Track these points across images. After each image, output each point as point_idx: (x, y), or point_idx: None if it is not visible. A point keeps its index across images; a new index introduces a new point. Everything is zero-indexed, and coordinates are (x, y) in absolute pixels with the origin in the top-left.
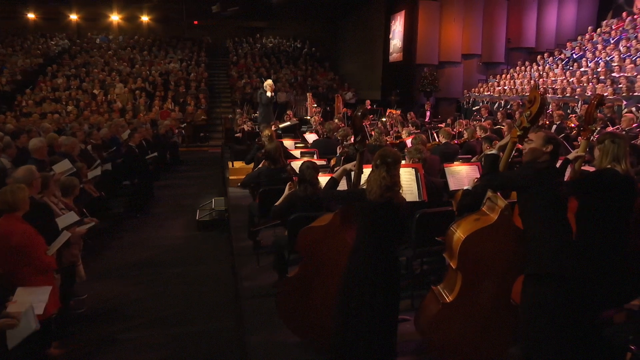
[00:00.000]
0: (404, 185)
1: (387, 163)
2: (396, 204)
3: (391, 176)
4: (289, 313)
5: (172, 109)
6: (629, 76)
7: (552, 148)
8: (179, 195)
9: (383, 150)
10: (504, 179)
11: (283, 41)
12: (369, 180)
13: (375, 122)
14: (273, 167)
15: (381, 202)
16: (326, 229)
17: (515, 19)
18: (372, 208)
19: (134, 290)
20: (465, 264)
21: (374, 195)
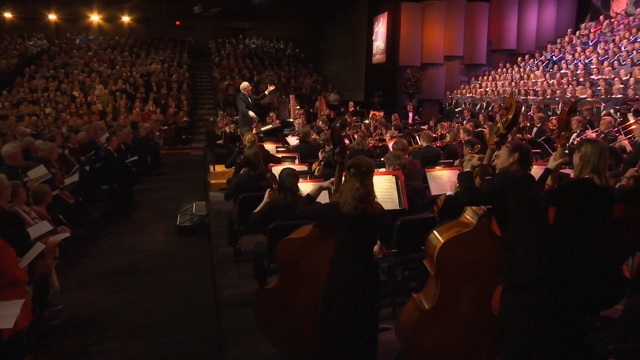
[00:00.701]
0: (384, 193)
1: (360, 173)
2: (371, 214)
3: (365, 186)
4: (267, 325)
5: (153, 111)
6: (607, 79)
7: (519, 155)
8: (160, 199)
9: (356, 160)
10: (486, 193)
11: (266, 42)
12: (342, 191)
13: (359, 124)
14: (253, 173)
15: (356, 213)
16: (305, 241)
17: (496, 21)
18: (347, 220)
19: (111, 299)
20: (443, 270)
21: (349, 207)
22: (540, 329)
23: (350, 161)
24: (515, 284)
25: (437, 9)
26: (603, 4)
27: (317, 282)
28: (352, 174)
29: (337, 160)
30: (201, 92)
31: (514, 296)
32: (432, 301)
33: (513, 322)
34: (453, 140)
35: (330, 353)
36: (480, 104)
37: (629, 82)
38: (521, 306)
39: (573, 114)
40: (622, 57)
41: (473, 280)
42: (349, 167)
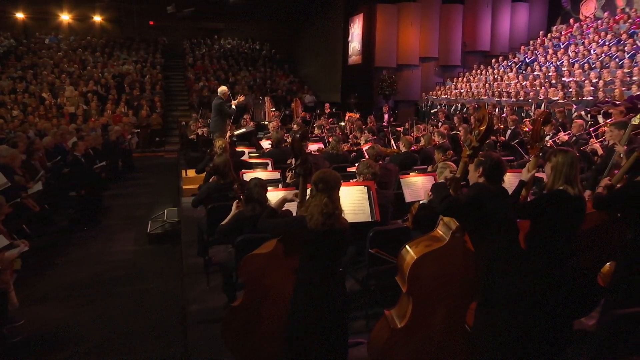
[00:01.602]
0: (355, 205)
1: (328, 188)
2: (339, 229)
3: (333, 201)
4: (235, 342)
5: (125, 113)
6: (578, 81)
7: (482, 170)
8: (131, 206)
9: (322, 174)
10: (465, 203)
11: (241, 43)
12: (309, 206)
13: (335, 126)
14: (222, 182)
15: (323, 229)
16: (270, 257)
17: (470, 22)
18: (314, 236)
19: (77, 313)
20: (416, 288)
21: (316, 222)
22: (513, 346)
23: (317, 175)
24: (489, 301)
25: (412, 11)
26: (573, 7)
27: (282, 298)
28: (319, 189)
29: (299, 173)
30: (175, 94)
31: (488, 313)
32: (404, 319)
33: (486, 339)
34: (427, 144)
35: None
36: (455, 105)
37: (598, 85)
38: (495, 323)
39: (547, 124)
40: (591, 60)
41: (446, 297)
42: (315, 182)
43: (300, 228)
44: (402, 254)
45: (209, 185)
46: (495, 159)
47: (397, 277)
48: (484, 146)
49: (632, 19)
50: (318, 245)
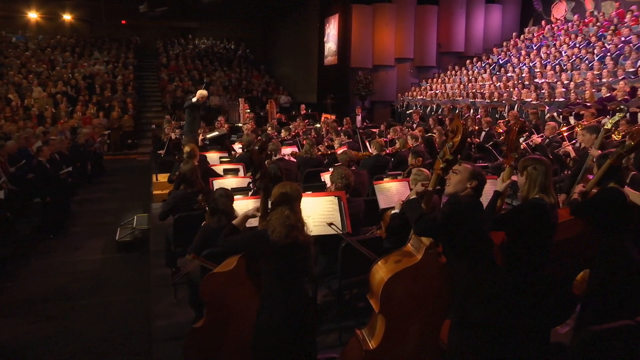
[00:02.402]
0: (325, 216)
1: (288, 200)
2: (303, 242)
3: (295, 213)
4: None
5: (95, 115)
6: (550, 82)
7: (477, 184)
8: (100, 212)
9: (282, 187)
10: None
11: (216, 43)
12: (270, 219)
13: (311, 127)
14: (190, 190)
15: (287, 242)
16: (231, 275)
17: (445, 24)
18: (276, 251)
19: (37, 329)
20: (388, 307)
21: (278, 235)
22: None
23: (277, 189)
24: (465, 321)
25: (388, 11)
26: (544, 9)
27: (247, 317)
28: (279, 202)
29: (260, 187)
30: (148, 95)
31: (464, 332)
32: (377, 339)
33: (462, 358)
34: (402, 147)
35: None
36: (431, 106)
37: (569, 86)
38: (471, 343)
39: (522, 133)
40: (563, 62)
41: (420, 314)
42: (276, 195)
43: (263, 242)
44: (373, 272)
45: (176, 194)
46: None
47: (368, 295)
48: (458, 158)
49: (600, 22)
50: (281, 259)
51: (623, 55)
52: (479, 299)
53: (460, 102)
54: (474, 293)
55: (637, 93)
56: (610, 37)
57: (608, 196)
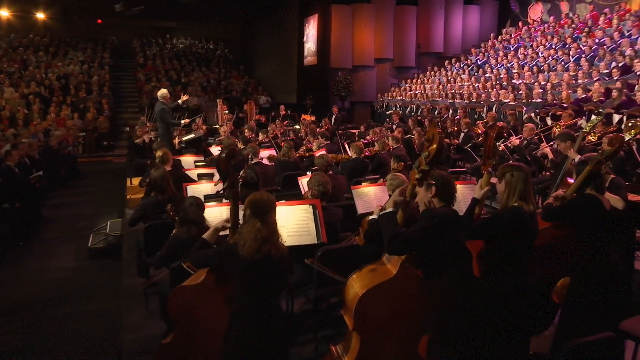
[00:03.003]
0: (300, 225)
1: (260, 212)
2: (276, 257)
3: (268, 226)
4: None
5: (70, 117)
6: (527, 83)
7: (436, 189)
8: (73, 216)
9: (254, 198)
10: (415, 241)
11: (195, 42)
12: (241, 233)
13: (290, 128)
14: (161, 197)
15: (258, 257)
16: (200, 289)
17: (424, 24)
18: (247, 266)
19: (4, 343)
20: (362, 324)
21: (248, 249)
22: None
23: (248, 199)
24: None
25: (367, 12)
26: (521, 10)
27: (217, 333)
28: (251, 214)
29: (228, 196)
30: (125, 95)
31: (444, 347)
32: (351, 356)
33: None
34: (382, 149)
35: None
36: (410, 106)
37: (546, 87)
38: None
39: (500, 139)
40: (539, 63)
41: (396, 330)
42: (247, 206)
43: (231, 257)
44: (349, 287)
45: (146, 201)
46: (446, 177)
47: (342, 311)
48: (434, 168)
49: (576, 24)
50: (252, 275)
51: (597, 57)
52: (458, 313)
53: (439, 102)
54: (453, 307)
55: (611, 94)
56: (585, 39)
57: (582, 203)
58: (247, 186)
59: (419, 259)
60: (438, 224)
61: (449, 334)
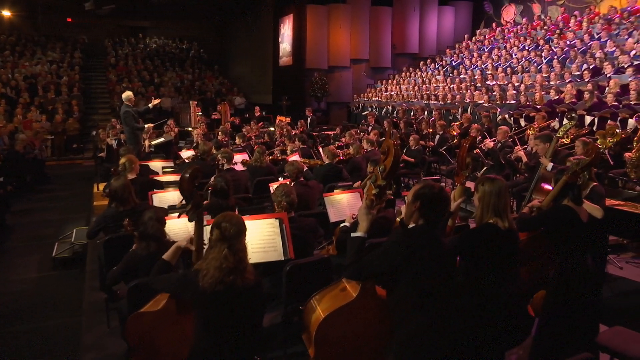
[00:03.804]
0: (265, 241)
1: (228, 237)
2: (241, 288)
3: (235, 253)
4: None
5: (38, 119)
6: (501, 84)
7: (420, 204)
8: (39, 223)
9: (222, 220)
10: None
11: (168, 42)
12: (206, 258)
13: (265, 129)
14: (122, 209)
15: (219, 289)
16: (160, 315)
17: (399, 25)
18: (206, 299)
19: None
20: (324, 350)
21: (210, 280)
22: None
23: (216, 221)
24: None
25: (342, 12)
26: (495, 12)
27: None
28: (217, 238)
29: (192, 219)
30: (96, 96)
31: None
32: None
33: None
34: (356, 153)
35: None
36: (386, 107)
37: (520, 89)
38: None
39: (473, 150)
40: (513, 64)
41: (360, 355)
42: (213, 229)
43: (190, 287)
44: (308, 310)
45: (106, 213)
46: (436, 192)
47: (303, 335)
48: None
49: (548, 26)
50: (212, 308)
51: (569, 59)
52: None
53: (414, 103)
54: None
55: (583, 96)
56: (557, 40)
57: (558, 214)
58: (216, 195)
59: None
60: (404, 250)
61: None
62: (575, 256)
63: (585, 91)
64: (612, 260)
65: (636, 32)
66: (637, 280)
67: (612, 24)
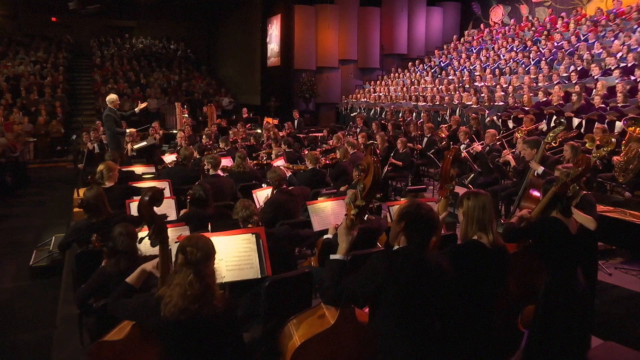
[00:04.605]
0: (241, 258)
1: (194, 261)
2: (208, 317)
3: (201, 279)
4: None
5: (20, 121)
6: (489, 86)
7: (405, 224)
8: (18, 229)
9: (187, 242)
10: (350, 294)
11: (155, 42)
12: (170, 284)
13: (253, 131)
14: (95, 220)
15: (183, 318)
16: (124, 344)
17: (387, 25)
18: (168, 329)
19: None
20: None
21: (172, 309)
22: None
23: (181, 243)
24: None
25: (330, 13)
26: (483, 13)
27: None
28: (182, 263)
29: (155, 244)
30: (81, 97)
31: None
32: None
33: None
34: (343, 157)
35: None
36: (375, 109)
37: (508, 90)
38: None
39: (457, 162)
40: (501, 65)
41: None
42: (178, 252)
43: (151, 315)
44: (285, 334)
45: (78, 224)
46: (423, 212)
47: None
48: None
49: (535, 27)
50: (177, 339)
51: (557, 60)
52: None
53: (403, 105)
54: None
55: (570, 98)
56: (544, 41)
57: (546, 227)
58: (195, 204)
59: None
60: (382, 276)
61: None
62: (564, 270)
63: (572, 93)
64: (600, 266)
65: (622, 34)
66: (627, 288)
67: (598, 25)
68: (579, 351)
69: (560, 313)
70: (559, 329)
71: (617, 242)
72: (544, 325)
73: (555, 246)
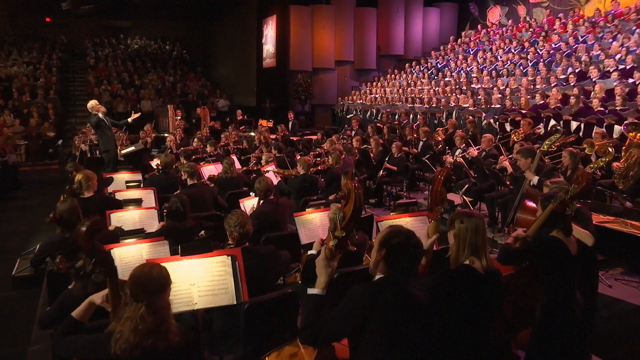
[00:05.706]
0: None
1: (147, 293)
2: (163, 352)
3: (155, 311)
4: None
5: (11, 123)
6: (486, 88)
7: (386, 253)
8: (5, 235)
9: (139, 273)
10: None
11: (150, 43)
12: (120, 319)
13: (246, 134)
14: (68, 235)
15: (136, 355)
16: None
17: (384, 26)
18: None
19: None
20: None
21: (123, 345)
22: None
23: (131, 275)
24: None
25: (326, 13)
26: (480, 13)
27: None
28: (133, 295)
29: (98, 278)
30: (75, 98)
31: None
32: None
33: None
34: (335, 163)
35: None
36: (371, 110)
37: (505, 92)
38: None
39: (448, 183)
40: (498, 67)
41: None
42: (128, 284)
43: (100, 353)
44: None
45: (51, 239)
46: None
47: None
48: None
49: (533, 28)
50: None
51: (555, 62)
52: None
53: (399, 107)
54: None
55: (568, 100)
56: (542, 43)
57: (544, 247)
58: (172, 217)
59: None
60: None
61: None
62: (563, 292)
63: (571, 96)
64: (601, 277)
65: (620, 36)
66: (627, 301)
67: (596, 27)
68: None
69: (558, 337)
70: (557, 353)
71: (618, 255)
72: (542, 349)
73: (555, 267)
